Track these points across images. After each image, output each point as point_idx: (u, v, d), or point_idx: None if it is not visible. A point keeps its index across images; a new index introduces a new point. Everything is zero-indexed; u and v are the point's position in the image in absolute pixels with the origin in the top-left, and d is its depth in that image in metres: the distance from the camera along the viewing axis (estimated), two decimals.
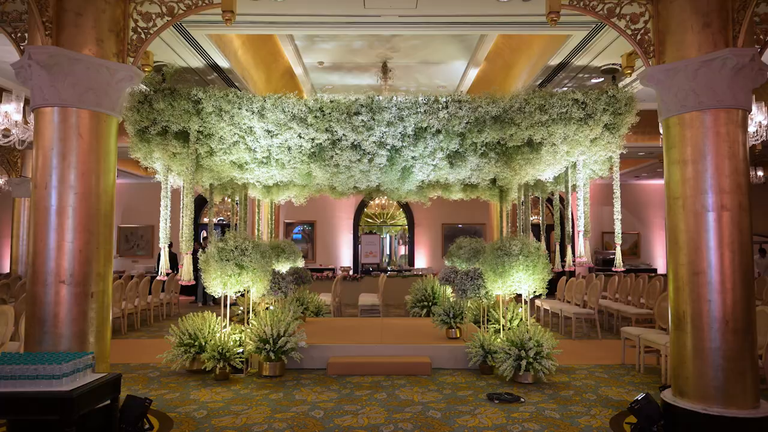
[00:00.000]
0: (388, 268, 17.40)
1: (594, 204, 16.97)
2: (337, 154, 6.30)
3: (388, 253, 18.95)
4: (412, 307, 10.10)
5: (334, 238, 17.55)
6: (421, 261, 17.50)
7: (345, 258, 17.46)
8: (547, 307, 10.80)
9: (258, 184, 7.14)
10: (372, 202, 17.80)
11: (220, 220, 17.86)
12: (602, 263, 16.36)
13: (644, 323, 9.37)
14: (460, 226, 17.44)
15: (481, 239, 9.63)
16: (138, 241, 17.72)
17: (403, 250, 18.56)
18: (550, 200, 9.49)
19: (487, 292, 6.96)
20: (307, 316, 9.51)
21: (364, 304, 10.75)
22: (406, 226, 17.92)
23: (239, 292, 6.59)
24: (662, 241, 17.63)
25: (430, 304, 9.89)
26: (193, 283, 6.49)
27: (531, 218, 15.62)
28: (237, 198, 9.60)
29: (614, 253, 6.51)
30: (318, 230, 17.57)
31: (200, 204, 16.95)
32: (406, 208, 17.60)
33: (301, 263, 9.79)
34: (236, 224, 9.72)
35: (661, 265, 17.33)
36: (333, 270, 16.35)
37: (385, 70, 8.65)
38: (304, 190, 9.45)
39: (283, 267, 9.46)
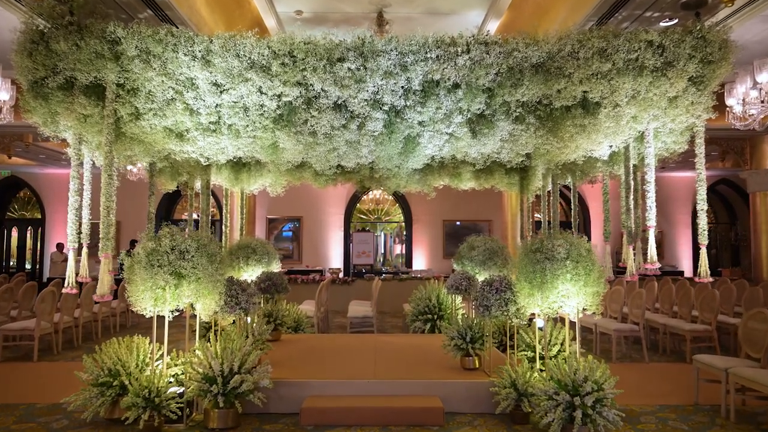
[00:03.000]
0: (383, 269, 15.58)
1: (614, 199, 15.23)
2: (313, 116, 4.47)
3: (382, 252, 17.12)
4: (413, 320, 8.27)
5: (322, 236, 15.69)
6: (419, 262, 15.68)
7: (335, 258, 15.61)
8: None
9: (203, 159, 5.27)
10: (365, 197, 16.00)
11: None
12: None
13: (701, 342, 7.60)
14: (458, 223, 15.60)
15: (498, 238, 7.87)
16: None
17: (399, 249, 16.73)
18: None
19: (518, 310, 5.16)
20: (284, 332, 7.68)
21: (354, 316, 8.92)
22: (403, 223, 16.10)
23: (177, 310, 4.75)
24: (688, 240, 15.90)
25: (435, 317, 8.07)
26: (110, 298, 4.67)
27: (536, 215, 13.90)
28: (199, 186, 7.76)
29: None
30: (305, 227, 15.71)
31: (174, 196, 15.10)
32: (403, 202, 15.77)
33: (276, 267, 7.95)
34: (196, 220, 7.89)
35: (686, 266, 15.59)
36: (321, 272, 14.48)
37: (380, 22, 6.81)
38: (281, 177, 7.63)
39: (253, 272, 7.64)
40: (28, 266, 16.26)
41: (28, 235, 16.24)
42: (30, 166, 14.78)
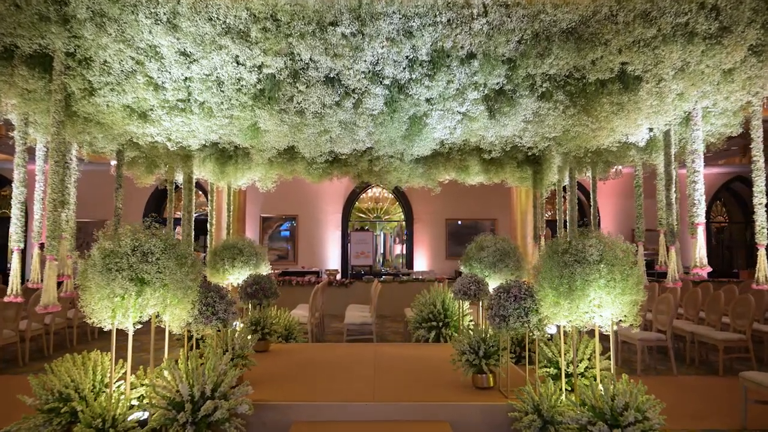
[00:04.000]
0: (383, 270, 14.85)
1: (618, 196, 14.57)
2: (300, 92, 3.75)
3: (382, 252, 16.40)
4: (416, 327, 7.53)
5: (319, 236, 14.96)
6: (421, 263, 14.95)
7: (332, 259, 14.88)
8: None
9: (170, 143, 4.53)
10: (364, 194, 15.28)
11: (198, 214, 15.25)
12: None
13: (733, 353, 6.88)
14: (459, 222, 14.86)
15: (509, 238, 7.16)
16: (88, 239, 15.01)
17: (399, 249, 16.01)
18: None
19: (540, 320, 4.44)
20: (273, 341, 6.95)
21: (352, 323, 8.20)
22: (404, 222, 15.37)
23: (141, 322, 4.03)
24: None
25: (441, 324, 7.34)
26: (58, 309, 3.95)
27: (546, 214, 13.16)
28: (182, 180, 7.06)
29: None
30: (300, 226, 14.97)
31: (164, 194, 14.40)
32: (403, 200, 15.04)
33: (266, 269, 7.22)
34: (176, 218, 7.20)
35: None
36: (317, 273, 13.76)
37: None
38: (271, 170, 6.92)
39: (240, 275, 6.93)
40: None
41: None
42: (11, 162, 14.03)
